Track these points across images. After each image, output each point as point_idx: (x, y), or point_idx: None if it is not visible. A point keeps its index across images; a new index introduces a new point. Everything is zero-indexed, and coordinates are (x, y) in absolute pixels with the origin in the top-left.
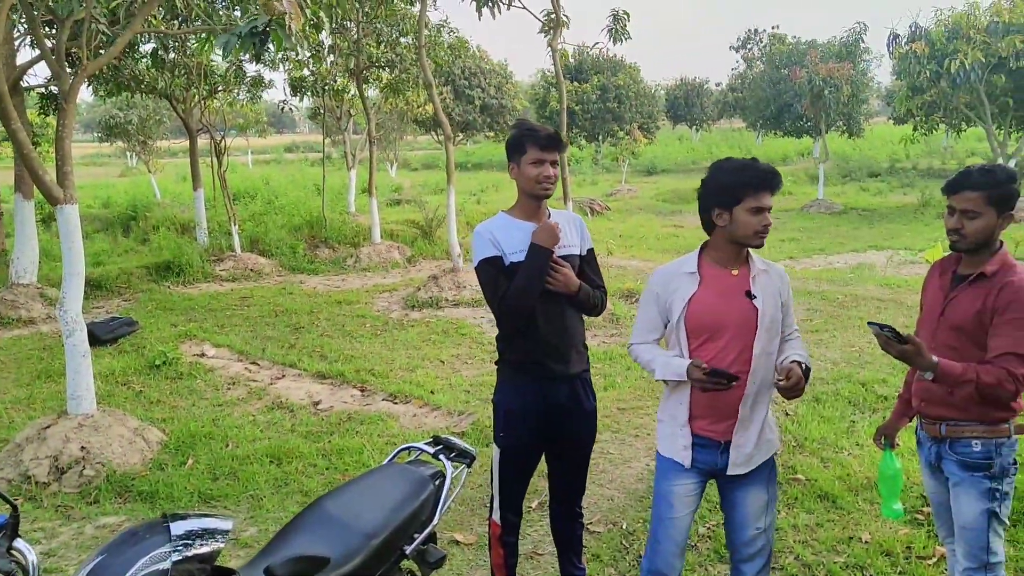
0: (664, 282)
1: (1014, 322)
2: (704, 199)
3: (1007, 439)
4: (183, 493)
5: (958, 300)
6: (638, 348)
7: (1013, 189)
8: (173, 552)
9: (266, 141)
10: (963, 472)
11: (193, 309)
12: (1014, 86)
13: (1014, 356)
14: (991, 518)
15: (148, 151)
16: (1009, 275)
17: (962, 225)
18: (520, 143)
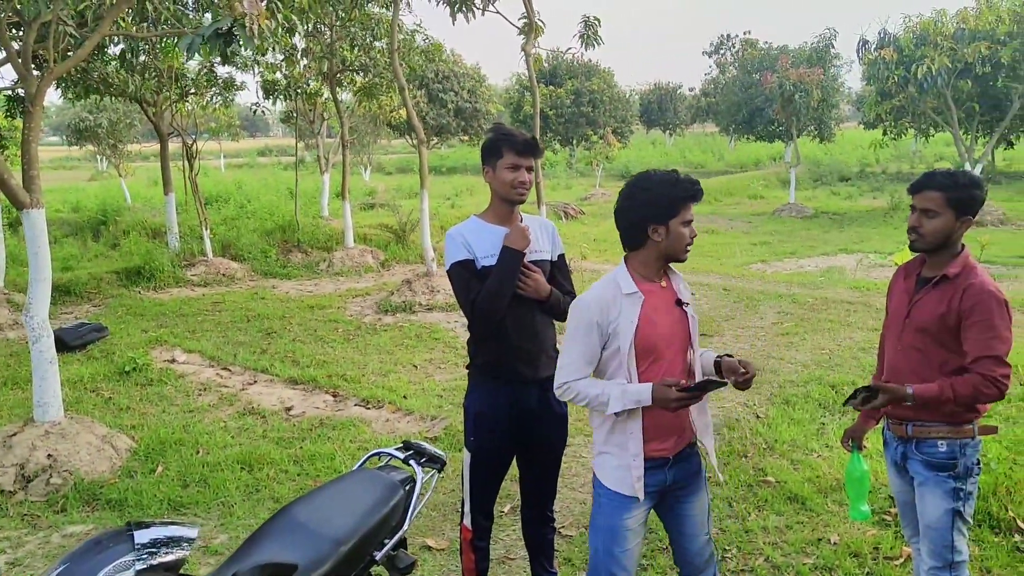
0: (602, 308)
1: (980, 325)
2: (636, 215)
3: (971, 440)
4: (152, 501)
5: (923, 302)
6: (578, 384)
7: (974, 194)
8: (137, 560)
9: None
10: (928, 472)
11: (164, 315)
12: (980, 91)
13: (988, 359)
14: (955, 517)
15: (118, 155)
16: (971, 277)
17: (921, 224)
18: (497, 147)
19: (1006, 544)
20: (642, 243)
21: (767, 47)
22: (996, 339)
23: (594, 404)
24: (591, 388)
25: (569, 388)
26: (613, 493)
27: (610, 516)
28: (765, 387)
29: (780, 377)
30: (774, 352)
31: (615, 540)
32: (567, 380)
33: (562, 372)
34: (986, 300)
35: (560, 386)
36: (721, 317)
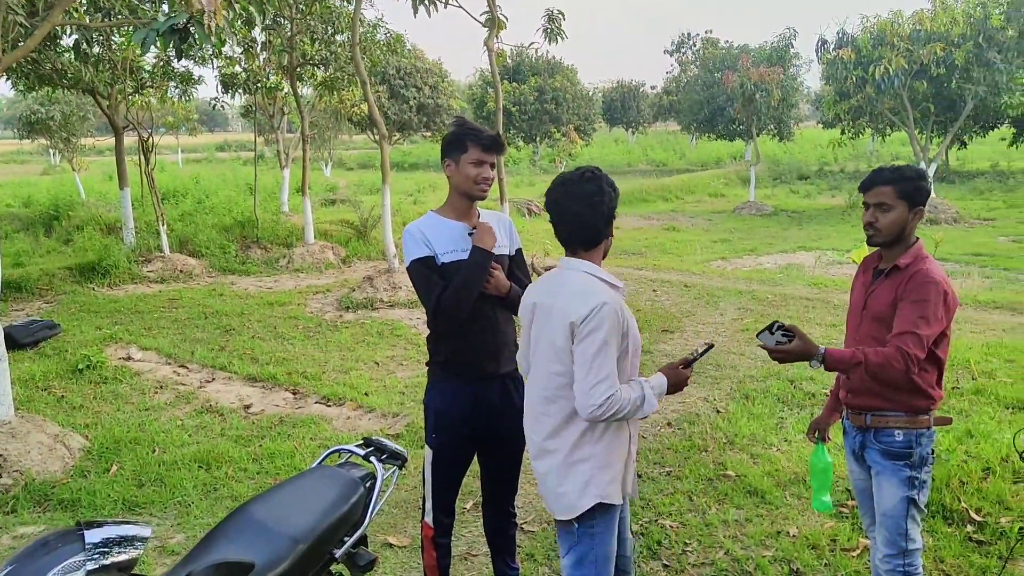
0: (621, 308)
1: (914, 304)
2: (609, 211)
3: (927, 430)
4: (107, 501)
5: (877, 292)
6: (619, 395)
7: (921, 185)
8: (88, 561)
9: (197, 139)
10: (885, 461)
11: (119, 311)
12: (935, 92)
13: (910, 334)
14: (910, 505)
15: (72, 148)
16: (919, 266)
17: (876, 219)
18: (462, 141)
19: (958, 534)
20: (602, 239)
21: (728, 46)
22: (923, 319)
23: (631, 410)
24: (630, 393)
25: (612, 400)
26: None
27: (609, 538)
28: (725, 382)
29: (740, 372)
30: (734, 348)
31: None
32: (611, 393)
33: (602, 386)
34: (926, 284)
35: (604, 403)
36: (682, 313)
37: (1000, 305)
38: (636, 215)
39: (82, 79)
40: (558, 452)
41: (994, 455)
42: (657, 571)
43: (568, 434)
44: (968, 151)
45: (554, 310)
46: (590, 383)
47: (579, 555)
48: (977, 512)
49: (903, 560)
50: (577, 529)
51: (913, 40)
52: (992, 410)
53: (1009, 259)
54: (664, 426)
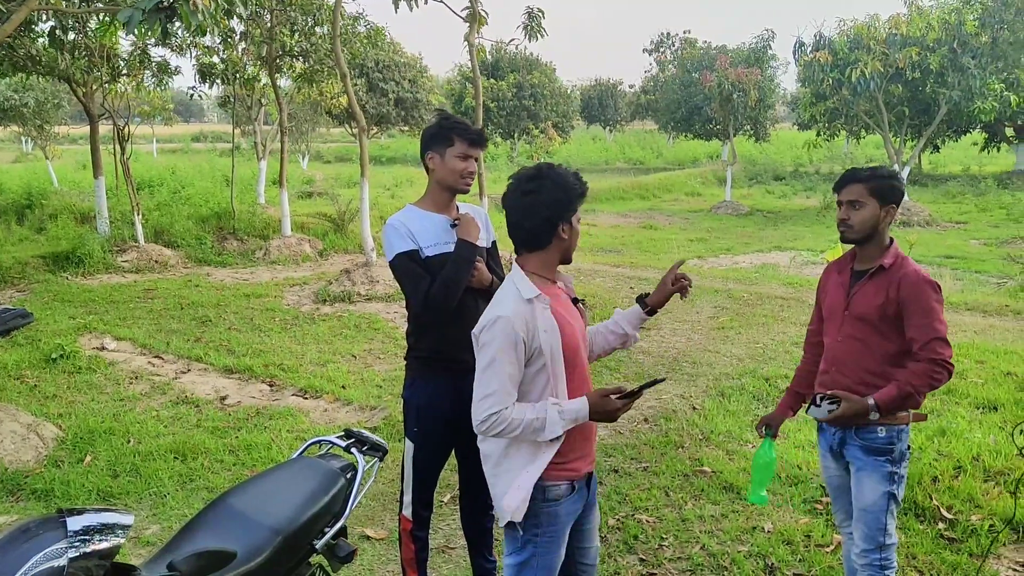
0: (524, 322)
1: (920, 311)
2: (548, 211)
3: (906, 426)
4: (81, 491)
5: (860, 294)
6: (509, 413)
7: (894, 184)
8: (69, 548)
9: (172, 130)
10: (867, 457)
11: (93, 301)
12: (910, 96)
13: (935, 341)
14: (890, 500)
15: (45, 136)
16: (904, 267)
17: (849, 216)
18: (447, 135)
19: (930, 531)
20: (548, 242)
21: (706, 46)
22: (937, 321)
23: (526, 432)
24: (525, 413)
25: (499, 418)
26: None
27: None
28: (701, 380)
29: (716, 370)
30: (710, 346)
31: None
32: (496, 410)
33: (487, 402)
34: (923, 287)
35: (486, 419)
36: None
37: (971, 307)
38: (613, 213)
39: (58, 66)
40: (491, 455)
41: (965, 454)
42: (633, 565)
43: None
44: (941, 155)
45: None
46: (477, 397)
47: (521, 559)
48: (948, 510)
49: (880, 555)
50: (521, 535)
51: (889, 44)
52: (963, 410)
53: (981, 262)
54: (641, 422)
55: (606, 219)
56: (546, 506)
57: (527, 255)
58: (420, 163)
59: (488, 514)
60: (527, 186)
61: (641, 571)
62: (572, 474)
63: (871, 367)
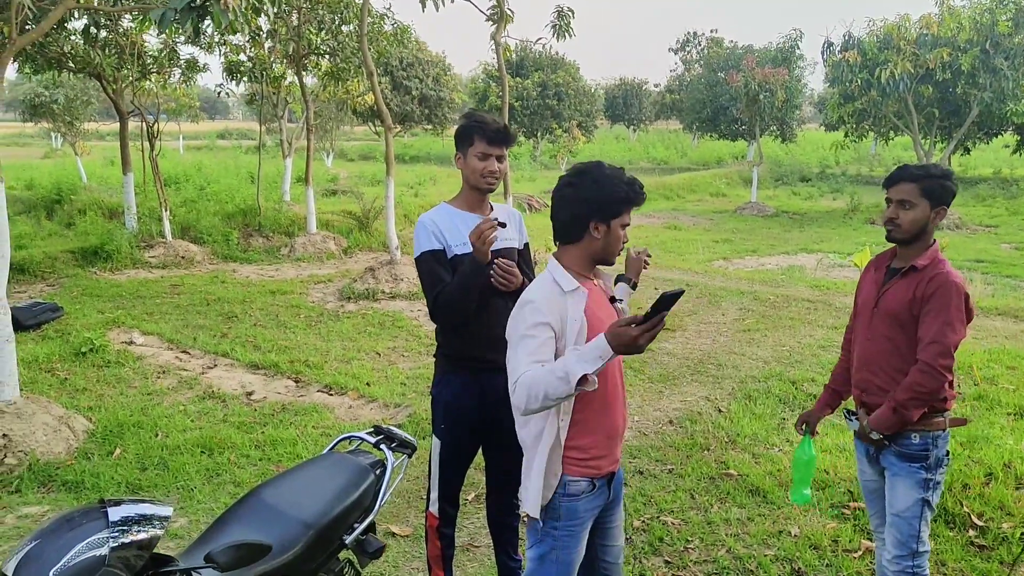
0: (550, 308)
1: (936, 312)
2: (581, 208)
3: (942, 432)
4: (110, 483)
5: (891, 291)
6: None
7: (946, 184)
8: (111, 538)
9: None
10: (902, 463)
11: (121, 296)
12: (940, 97)
13: (934, 344)
14: (924, 507)
15: (74, 132)
16: (938, 268)
17: (897, 215)
18: (468, 134)
19: (960, 539)
20: (579, 238)
21: (733, 46)
22: (948, 327)
23: (551, 388)
24: (540, 370)
25: (520, 380)
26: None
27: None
28: (727, 382)
29: (742, 372)
30: (736, 348)
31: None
32: (514, 379)
33: (514, 374)
34: (947, 288)
35: (515, 387)
36: (683, 312)
37: (1002, 312)
38: (637, 213)
39: (90, 63)
40: (525, 445)
41: (996, 460)
42: (659, 567)
43: (525, 433)
44: (971, 157)
45: None
46: (510, 374)
47: (540, 552)
48: (979, 517)
49: (912, 561)
50: (541, 527)
51: (919, 44)
52: (994, 416)
53: (1012, 266)
54: (666, 424)
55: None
56: (566, 500)
57: (562, 248)
58: (443, 162)
59: (514, 513)
60: (571, 179)
61: (666, 573)
62: (593, 472)
63: (900, 366)
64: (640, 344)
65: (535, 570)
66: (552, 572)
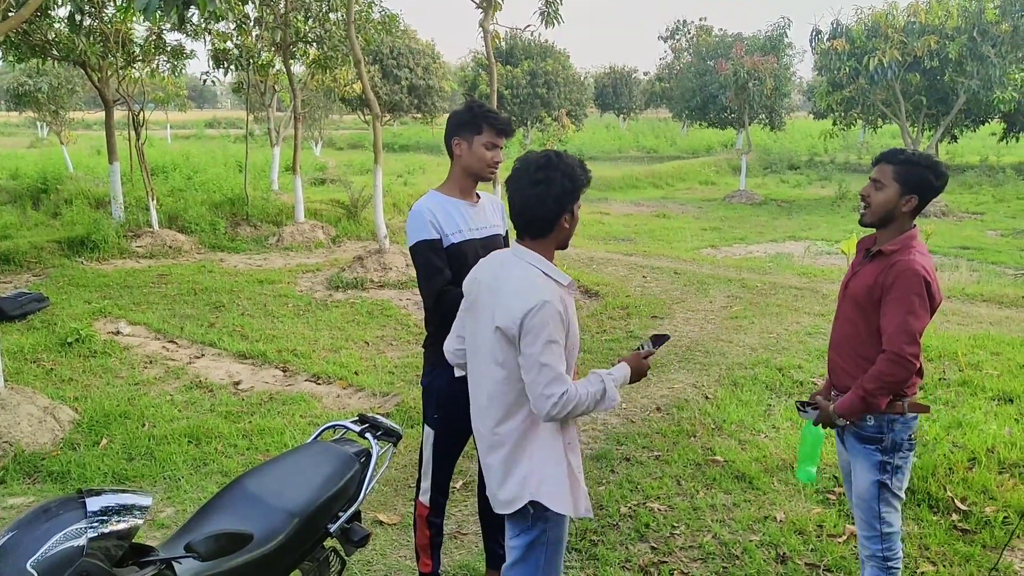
0: (563, 306)
1: (898, 300)
2: (556, 201)
3: (900, 416)
4: (96, 474)
5: (859, 274)
6: (572, 391)
7: (925, 175)
8: (89, 528)
9: (186, 116)
10: (859, 445)
11: (108, 286)
12: (928, 85)
13: (899, 334)
14: (881, 489)
15: (60, 121)
16: (904, 255)
17: (869, 194)
18: (477, 123)
19: (943, 523)
20: (551, 231)
21: (722, 34)
22: (911, 315)
23: (590, 404)
24: (586, 387)
25: (567, 397)
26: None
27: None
28: (714, 369)
29: (729, 359)
30: (723, 335)
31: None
32: (563, 389)
33: (556, 384)
34: (909, 276)
35: (557, 402)
36: (671, 300)
37: (987, 298)
38: (626, 201)
39: (74, 50)
40: (506, 443)
41: (980, 445)
42: (645, 553)
43: (513, 425)
44: (958, 145)
45: (496, 298)
46: (542, 383)
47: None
48: (962, 501)
49: (880, 544)
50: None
51: (907, 32)
52: (978, 401)
53: (997, 253)
54: (653, 411)
55: (619, 207)
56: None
57: (529, 241)
58: (433, 151)
59: None
60: (537, 175)
61: (652, 559)
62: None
63: (864, 352)
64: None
65: (524, 557)
66: (545, 554)
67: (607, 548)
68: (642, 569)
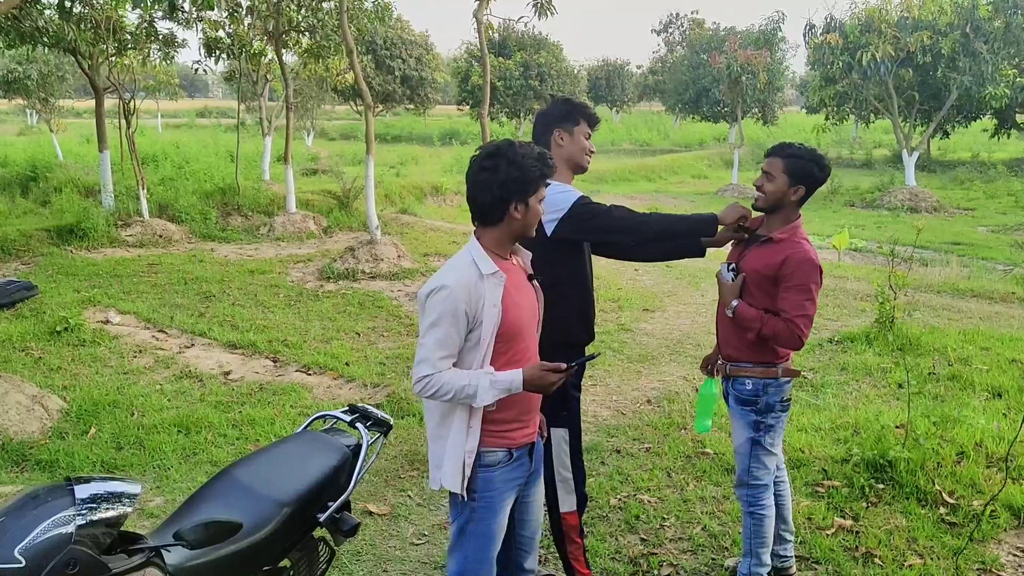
0: (468, 294)
1: (798, 288)
2: (500, 190)
3: (774, 380)
4: (85, 463)
5: (748, 257)
6: (440, 377)
7: (810, 168)
8: (77, 516)
9: (177, 105)
10: (737, 405)
11: (97, 275)
12: (920, 80)
13: (801, 318)
14: (754, 446)
15: (49, 109)
16: (793, 247)
17: (762, 184)
18: (574, 116)
19: (932, 516)
20: (500, 220)
21: (715, 27)
22: (810, 302)
23: (460, 397)
24: (457, 380)
25: (432, 381)
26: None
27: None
28: None
29: None
30: (714, 328)
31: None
32: (424, 373)
33: (423, 365)
34: (806, 267)
35: (420, 380)
36: (663, 293)
37: (977, 293)
38: (619, 194)
39: (64, 38)
40: (431, 421)
41: (968, 440)
42: (634, 544)
43: (432, 403)
44: (950, 141)
45: None
46: (417, 360)
47: (460, 524)
48: (950, 495)
49: (747, 491)
50: (460, 500)
51: (901, 28)
52: (967, 396)
53: (987, 249)
54: (644, 403)
55: (611, 200)
56: (481, 471)
57: (482, 229)
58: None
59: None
60: (485, 162)
61: (642, 550)
62: (509, 442)
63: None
64: (551, 390)
65: (456, 543)
66: (471, 545)
67: (597, 539)
68: (632, 560)
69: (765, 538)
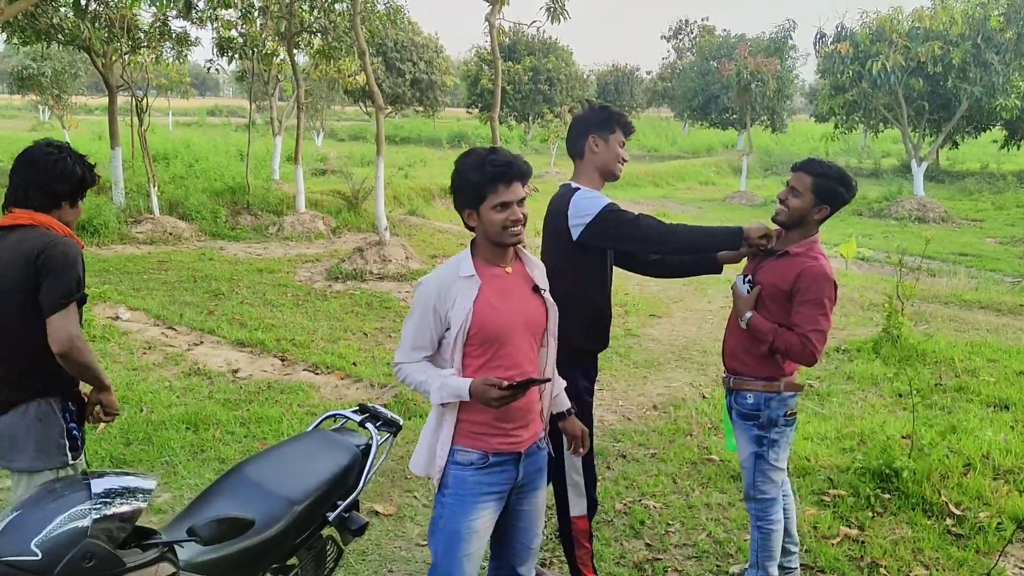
0: (440, 291)
1: (813, 303)
2: (456, 200)
3: (777, 394)
4: (94, 457)
5: (763, 269)
6: (407, 368)
7: (838, 190)
8: (93, 510)
9: (188, 103)
10: (740, 420)
11: (107, 271)
12: (930, 90)
13: (815, 332)
14: (758, 460)
15: (62, 106)
16: (809, 261)
17: (787, 198)
18: (610, 123)
19: (938, 527)
20: (471, 227)
21: (725, 35)
22: (824, 317)
23: (420, 390)
24: (417, 374)
25: (401, 369)
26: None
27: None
28: (711, 368)
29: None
30: (721, 335)
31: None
32: (398, 361)
33: (398, 352)
34: (822, 282)
35: (395, 365)
36: (670, 299)
37: (985, 305)
38: (626, 200)
39: (79, 35)
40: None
41: (975, 451)
42: (639, 550)
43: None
44: (959, 151)
45: None
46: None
47: (432, 518)
48: (957, 506)
49: (755, 505)
50: (436, 494)
51: (911, 37)
52: (974, 407)
53: (995, 260)
54: (650, 409)
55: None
56: (453, 468)
57: (475, 238)
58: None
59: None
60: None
61: (647, 556)
62: (483, 445)
63: (745, 338)
64: (495, 405)
65: (430, 537)
66: (440, 540)
67: (602, 544)
68: (636, 566)
69: (772, 552)
